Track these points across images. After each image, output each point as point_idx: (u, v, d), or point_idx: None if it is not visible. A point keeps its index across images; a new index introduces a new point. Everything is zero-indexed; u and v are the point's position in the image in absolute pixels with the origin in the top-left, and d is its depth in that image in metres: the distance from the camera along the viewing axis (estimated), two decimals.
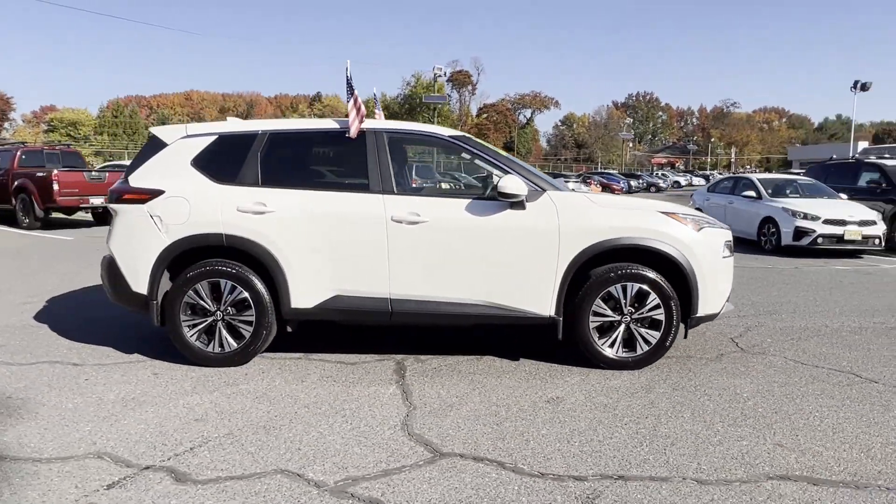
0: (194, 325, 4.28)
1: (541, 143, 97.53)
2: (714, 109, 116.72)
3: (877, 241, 10.44)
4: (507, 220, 4.20)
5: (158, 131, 4.54)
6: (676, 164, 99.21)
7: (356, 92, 4.35)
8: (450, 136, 4.51)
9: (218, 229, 4.20)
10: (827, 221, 10.37)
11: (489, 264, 4.21)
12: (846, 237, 10.31)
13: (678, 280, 4.25)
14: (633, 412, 3.60)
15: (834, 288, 7.71)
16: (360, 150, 4.36)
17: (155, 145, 4.46)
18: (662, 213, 4.30)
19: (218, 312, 4.26)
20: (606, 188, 39.49)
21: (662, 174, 57.29)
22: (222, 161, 4.37)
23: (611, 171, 51.03)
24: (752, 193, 11.89)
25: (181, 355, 4.35)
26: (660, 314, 4.24)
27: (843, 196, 11.74)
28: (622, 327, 4.28)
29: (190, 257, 4.29)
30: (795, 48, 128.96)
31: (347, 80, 4.40)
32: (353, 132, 4.34)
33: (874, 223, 10.47)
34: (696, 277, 4.23)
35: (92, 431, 3.25)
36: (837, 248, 10.49)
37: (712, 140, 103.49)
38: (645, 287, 4.21)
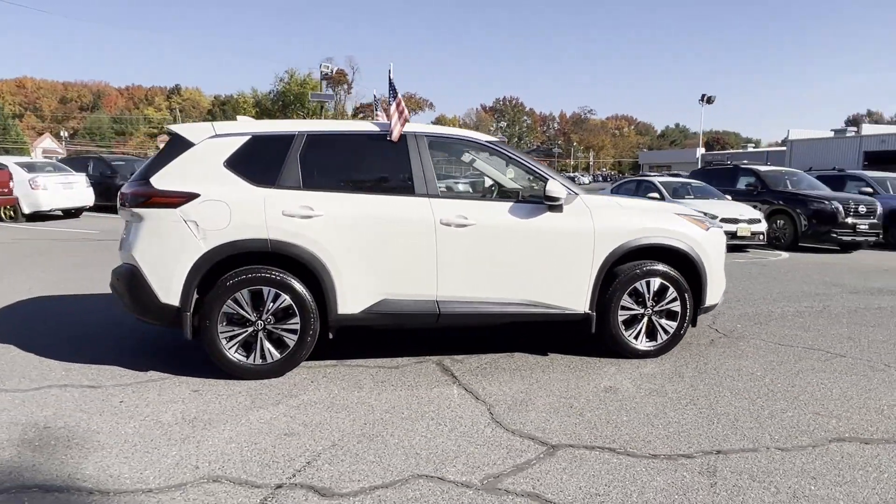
0: (233, 337, 4.04)
1: None
2: (573, 115, 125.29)
3: (761, 236, 12.02)
4: (548, 221, 4.42)
5: (182, 130, 4.21)
6: None
7: (399, 95, 4.34)
8: (486, 141, 4.65)
9: (262, 234, 4.00)
10: (723, 220, 11.69)
11: (532, 264, 4.40)
12: (738, 234, 11.74)
13: (690, 274, 4.73)
14: (683, 395, 3.99)
15: (749, 278, 8.81)
16: (403, 154, 4.36)
17: (178, 145, 4.14)
18: (677, 214, 4.77)
19: (259, 322, 4.06)
20: None
21: None
22: (259, 163, 4.16)
23: None
24: (657, 195, 13.11)
25: (205, 368, 4.13)
26: (676, 306, 4.69)
27: (728, 197, 13.32)
28: (645, 319, 4.68)
29: (225, 265, 4.04)
30: (642, 61, 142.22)
31: (390, 82, 4.37)
32: (395, 135, 4.33)
33: (759, 221, 12.04)
34: (705, 272, 4.73)
35: (182, 455, 3.01)
36: (730, 244, 11.90)
37: (574, 144, 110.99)
38: (665, 282, 4.64)
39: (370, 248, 4.16)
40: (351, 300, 4.17)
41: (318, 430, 3.35)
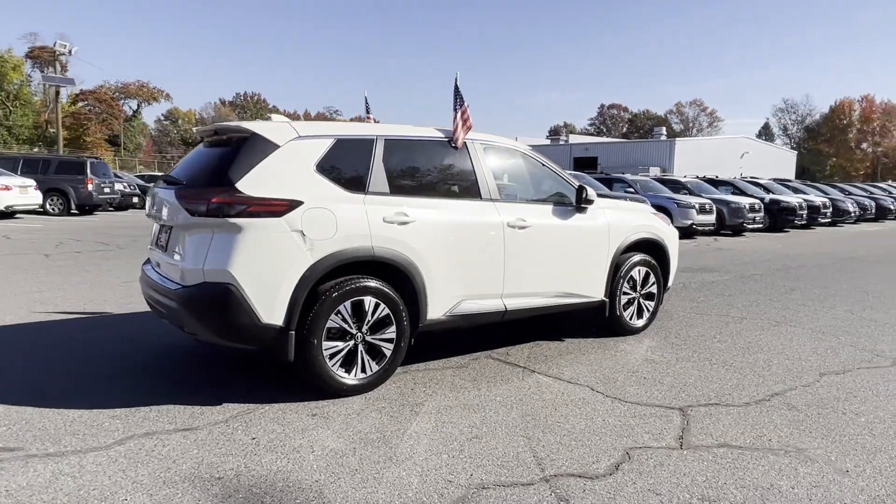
0: (336, 353, 3.79)
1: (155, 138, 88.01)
2: (318, 115, 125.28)
3: None
4: (578, 221, 5.01)
5: (262, 130, 3.73)
6: None
7: (466, 104, 4.46)
8: (525, 150, 5.02)
9: (367, 242, 3.83)
10: None
11: (569, 260, 4.95)
12: None
13: (660, 262, 5.76)
14: (700, 358, 4.95)
15: None
16: (467, 159, 4.52)
17: (261, 146, 3.69)
18: (653, 213, 5.77)
19: (358, 334, 3.87)
20: None
21: None
22: (347, 167, 3.95)
23: None
24: None
25: (274, 391, 3.89)
26: (654, 289, 5.69)
27: None
28: (636, 302, 5.58)
29: (326, 277, 3.77)
30: (383, 63, 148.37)
31: (456, 89, 4.45)
32: (459, 142, 4.47)
33: None
34: (670, 260, 5.83)
35: (417, 473, 2.90)
36: None
37: None
38: (648, 269, 5.59)
39: (453, 253, 4.25)
40: (438, 305, 4.21)
41: (494, 429, 3.45)
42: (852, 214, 23.76)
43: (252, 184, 3.59)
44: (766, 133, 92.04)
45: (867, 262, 11.78)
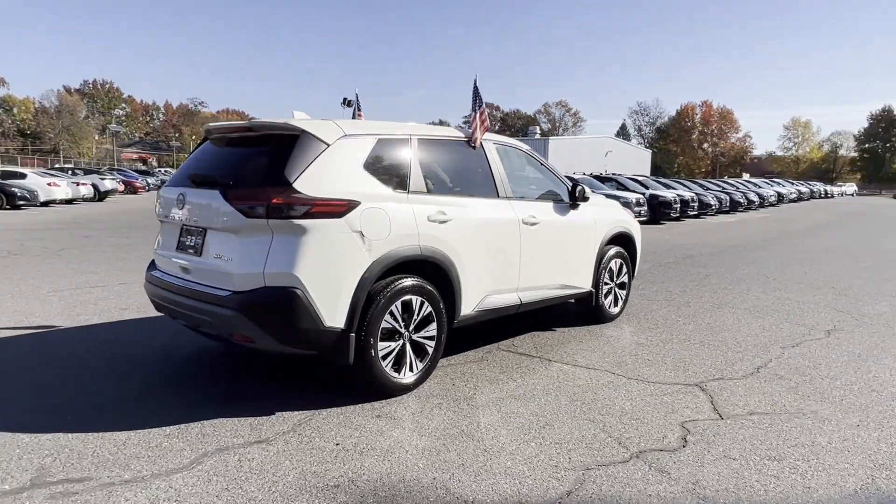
0: (389, 353, 3.77)
1: None
2: (181, 107, 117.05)
3: None
4: (572, 217, 5.33)
5: (313, 128, 3.59)
6: (149, 160, 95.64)
7: (484, 105, 4.56)
8: (526, 149, 5.22)
9: (415, 241, 3.84)
10: None
11: (566, 253, 5.25)
12: None
13: (631, 254, 6.25)
14: (682, 340, 5.46)
15: None
16: (484, 159, 4.64)
17: (312, 145, 3.56)
18: (622, 208, 6.23)
19: (406, 333, 3.88)
20: (128, 185, 36.31)
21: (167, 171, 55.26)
22: (390, 166, 3.93)
23: (125, 169, 46.57)
24: None
25: (331, 393, 3.81)
26: (626, 278, 6.17)
27: None
28: (613, 292, 6.01)
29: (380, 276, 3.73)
30: (256, 55, 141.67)
31: (475, 90, 4.52)
32: (477, 142, 4.57)
33: None
34: (637, 252, 6.34)
35: (519, 461, 3.01)
36: None
37: (184, 137, 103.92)
38: (622, 261, 6.05)
39: (480, 250, 4.37)
40: (469, 301, 4.31)
41: (557, 415, 3.64)
42: (713, 208, 26.65)
43: (308, 183, 3.47)
44: (623, 133, 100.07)
45: (748, 249, 13.38)
